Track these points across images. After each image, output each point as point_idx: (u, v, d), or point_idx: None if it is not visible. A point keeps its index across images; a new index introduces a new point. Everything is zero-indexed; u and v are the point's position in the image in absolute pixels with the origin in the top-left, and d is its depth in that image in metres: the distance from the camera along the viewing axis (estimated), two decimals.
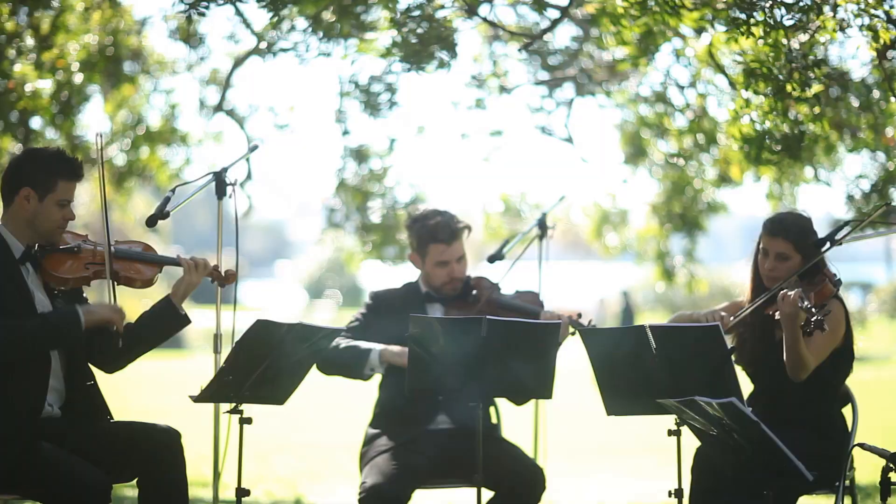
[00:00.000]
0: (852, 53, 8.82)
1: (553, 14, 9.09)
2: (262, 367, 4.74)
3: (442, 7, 6.49)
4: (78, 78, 9.47)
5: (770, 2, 5.92)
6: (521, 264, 6.13)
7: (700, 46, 8.00)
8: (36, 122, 9.86)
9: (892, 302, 32.48)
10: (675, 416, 4.78)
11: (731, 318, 5.38)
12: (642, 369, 4.79)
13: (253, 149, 5.75)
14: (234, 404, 4.84)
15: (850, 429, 5.46)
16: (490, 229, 10.07)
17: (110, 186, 10.73)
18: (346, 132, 8.66)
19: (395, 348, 5.45)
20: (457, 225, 5.70)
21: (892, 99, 7.00)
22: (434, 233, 5.67)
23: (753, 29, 5.91)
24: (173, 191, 5.27)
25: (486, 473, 5.35)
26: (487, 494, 5.50)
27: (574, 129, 9.55)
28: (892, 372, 21.47)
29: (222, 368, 4.69)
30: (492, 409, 5.82)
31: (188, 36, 9.75)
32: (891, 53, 8.63)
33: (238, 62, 9.73)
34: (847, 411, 5.58)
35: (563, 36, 9.47)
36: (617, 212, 10.69)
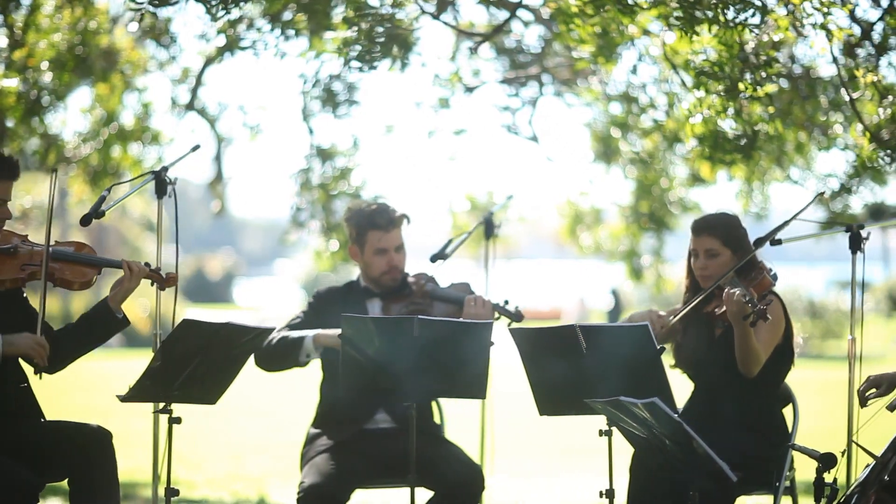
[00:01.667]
0: (819, 52, 8.80)
1: (525, 15, 9.12)
2: (190, 367, 4.73)
3: (393, 5, 6.46)
4: (47, 77, 9.49)
5: (716, 1, 5.89)
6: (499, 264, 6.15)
7: (665, 45, 7.98)
8: (11, 121, 9.88)
9: (887, 301, 32.42)
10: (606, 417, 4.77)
11: (670, 318, 5.39)
12: (573, 369, 4.78)
13: (194, 149, 5.73)
14: (163, 404, 4.82)
15: (790, 429, 5.46)
16: (457, 228, 10.05)
17: (86, 185, 10.75)
18: (311, 131, 8.66)
19: (329, 331, 5.42)
20: (394, 213, 5.70)
21: (847, 98, 6.95)
22: (372, 219, 5.67)
23: (697, 28, 5.88)
24: (109, 190, 5.26)
25: (425, 473, 5.37)
26: (427, 494, 5.50)
27: (542, 127, 9.52)
28: (887, 371, 21.32)
29: (148, 368, 4.68)
30: (435, 409, 5.82)
31: (157, 34, 9.75)
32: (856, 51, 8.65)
33: (209, 61, 9.72)
34: (789, 412, 5.59)
35: (533, 35, 9.45)
36: (590, 211, 10.66)
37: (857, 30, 8.53)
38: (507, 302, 5.67)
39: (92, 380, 16.25)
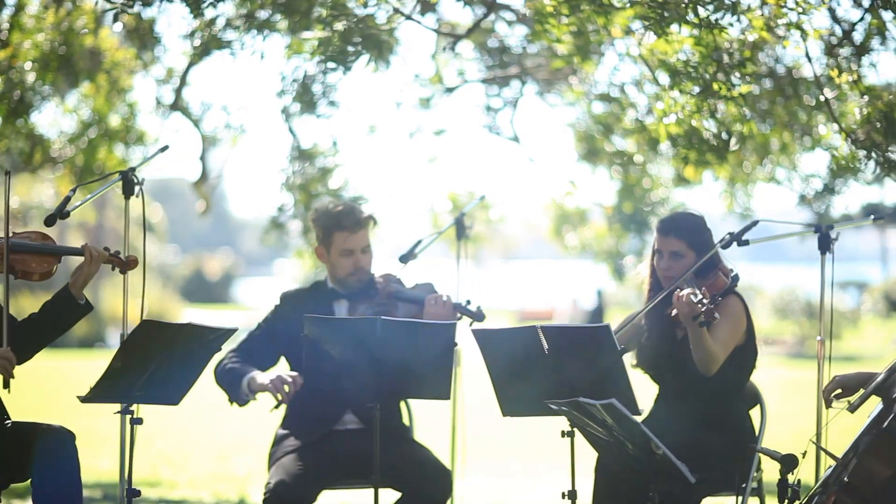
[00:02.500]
0: (794, 52, 8.79)
1: (509, 15, 9.10)
2: (152, 368, 4.72)
3: (366, 5, 6.45)
4: (31, 77, 9.49)
5: (686, 1, 5.88)
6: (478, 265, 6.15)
7: (645, 45, 7.96)
8: None
9: (885, 301, 32.39)
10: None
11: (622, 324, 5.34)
12: (535, 370, 4.77)
13: (163, 149, 5.73)
14: (124, 404, 4.81)
15: (756, 430, 5.45)
16: (438, 228, 10.01)
17: (72, 185, 10.73)
18: (291, 131, 8.64)
19: (262, 377, 5.46)
20: (360, 214, 5.70)
21: (821, 98, 6.94)
22: (338, 220, 5.67)
23: (667, 28, 5.86)
24: (74, 190, 5.24)
25: (392, 475, 5.38)
26: (394, 495, 5.50)
27: (524, 128, 9.51)
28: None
29: (108, 369, 4.66)
30: (404, 411, 5.81)
31: (141, 34, 9.74)
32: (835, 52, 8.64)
33: (193, 61, 9.70)
34: (756, 413, 5.58)
35: (518, 35, 9.43)
36: (576, 211, 10.64)
37: (838, 30, 8.54)
38: (468, 302, 5.65)
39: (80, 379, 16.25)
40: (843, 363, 12.76)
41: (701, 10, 6.10)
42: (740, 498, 5.28)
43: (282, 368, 5.70)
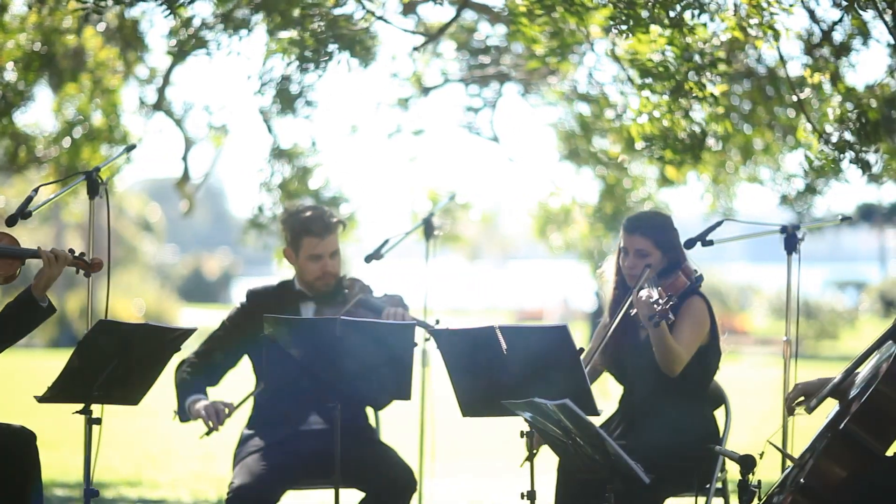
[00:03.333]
0: (766, 52, 8.78)
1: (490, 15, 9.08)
2: (109, 368, 4.71)
3: (335, 5, 6.45)
4: (12, 76, 9.50)
5: (653, 1, 5.87)
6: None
7: (620, 45, 7.96)
8: None
9: (882, 302, 32.39)
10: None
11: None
12: (494, 370, 4.76)
13: (129, 149, 5.75)
14: (82, 405, 4.81)
15: (720, 430, 5.44)
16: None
17: (57, 186, 10.72)
18: (270, 130, 8.64)
19: (200, 404, 5.48)
20: (330, 219, 5.69)
21: (794, 98, 6.93)
22: (307, 226, 5.66)
23: (635, 29, 5.86)
24: (36, 190, 5.23)
25: (356, 474, 5.39)
26: (358, 495, 5.49)
27: (506, 128, 9.51)
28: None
29: (65, 369, 4.66)
30: (370, 411, 5.80)
31: (124, 34, 9.75)
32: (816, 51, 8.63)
33: (174, 61, 9.71)
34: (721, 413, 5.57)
35: (499, 35, 9.42)
36: (560, 211, 10.63)
37: (817, 30, 8.54)
38: (437, 322, 5.56)
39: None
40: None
41: (671, 11, 6.09)
42: (704, 498, 5.28)
43: (243, 369, 5.69)
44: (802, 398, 4.83)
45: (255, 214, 9.09)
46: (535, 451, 4.80)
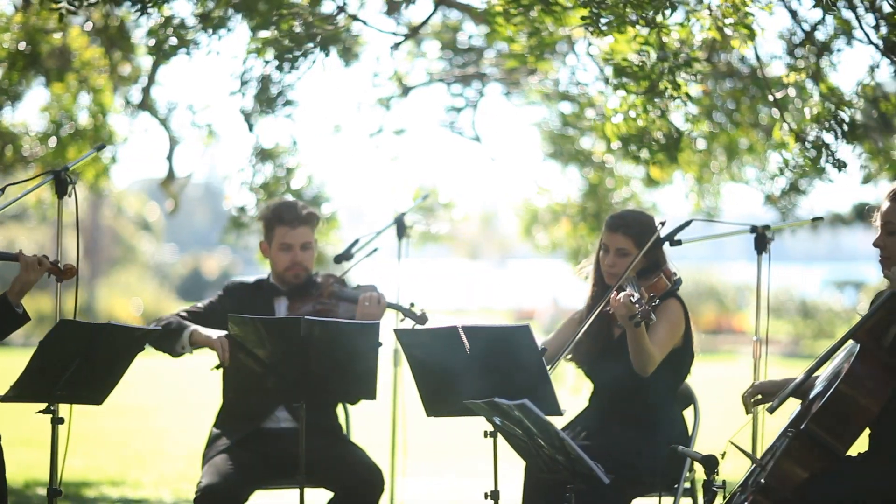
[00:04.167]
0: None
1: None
2: (72, 368, 4.70)
3: (311, 4, 6.44)
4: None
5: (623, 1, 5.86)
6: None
7: (598, 45, 7.95)
8: None
9: None
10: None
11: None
12: (457, 370, 4.75)
13: (98, 148, 5.75)
14: (46, 404, 4.80)
15: (689, 430, 5.44)
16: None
17: (45, 186, 10.72)
18: (251, 129, 8.62)
19: (208, 331, 5.43)
20: (302, 210, 5.71)
21: (770, 98, 6.91)
22: (279, 215, 5.70)
23: (605, 29, 5.84)
24: (2, 189, 5.23)
25: (324, 474, 5.39)
26: (327, 495, 5.49)
27: (489, 127, 9.49)
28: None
29: (27, 369, 4.65)
30: (339, 410, 5.80)
31: (109, 34, 9.75)
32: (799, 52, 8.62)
33: (158, 60, 9.70)
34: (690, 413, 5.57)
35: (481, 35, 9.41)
36: (546, 210, 10.61)
37: (799, 30, 8.53)
38: (412, 305, 5.62)
39: None
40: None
41: (644, 12, 6.07)
42: (671, 499, 5.27)
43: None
44: (759, 396, 4.82)
45: (236, 214, 9.07)
46: None
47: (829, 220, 18.14)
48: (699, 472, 5.45)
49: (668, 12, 6.05)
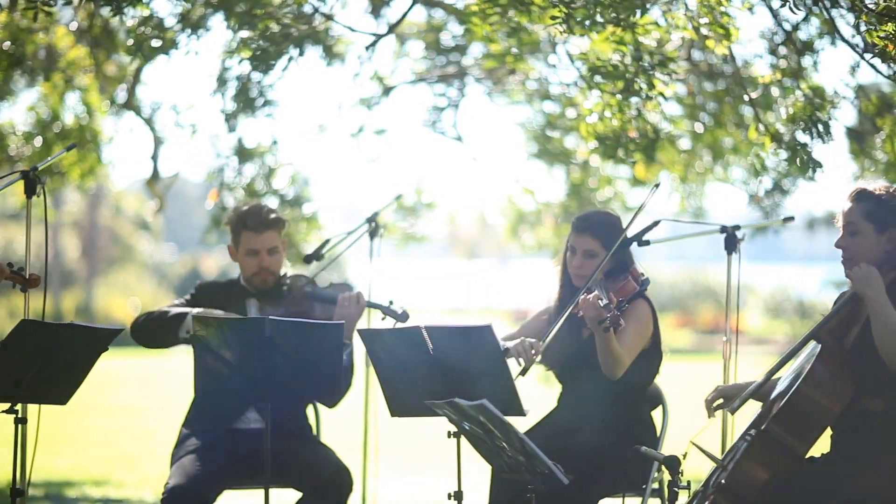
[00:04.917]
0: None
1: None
2: (35, 368, 4.70)
3: (282, 5, 6.44)
4: None
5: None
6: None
7: (584, 45, 7.93)
8: None
9: None
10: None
11: (541, 343, 5.25)
12: (420, 370, 4.76)
13: (69, 148, 5.76)
14: (8, 404, 4.80)
15: (657, 431, 5.43)
16: (384, 226, 9.97)
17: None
18: (231, 130, 8.62)
19: (214, 312, 5.46)
20: (268, 215, 5.70)
21: (745, 98, 6.91)
22: (244, 220, 5.70)
23: (576, 29, 5.83)
24: None
25: (292, 474, 5.38)
26: (296, 495, 5.48)
27: (472, 127, 9.51)
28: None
29: None
30: (310, 411, 5.80)
31: (95, 33, 9.75)
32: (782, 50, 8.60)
33: (142, 61, 9.69)
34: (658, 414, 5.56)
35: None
36: (532, 210, 10.61)
37: (781, 30, 8.50)
38: (391, 302, 5.62)
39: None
40: None
41: (612, 12, 6.06)
42: (639, 499, 5.27)
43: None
44: (721, 400, 4.82)
45: (217, 214, 9.07)
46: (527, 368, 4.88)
47: (828, 220, 18.13)
48: (667, 472, 5.47)
49: (638, 13, 6.04)
